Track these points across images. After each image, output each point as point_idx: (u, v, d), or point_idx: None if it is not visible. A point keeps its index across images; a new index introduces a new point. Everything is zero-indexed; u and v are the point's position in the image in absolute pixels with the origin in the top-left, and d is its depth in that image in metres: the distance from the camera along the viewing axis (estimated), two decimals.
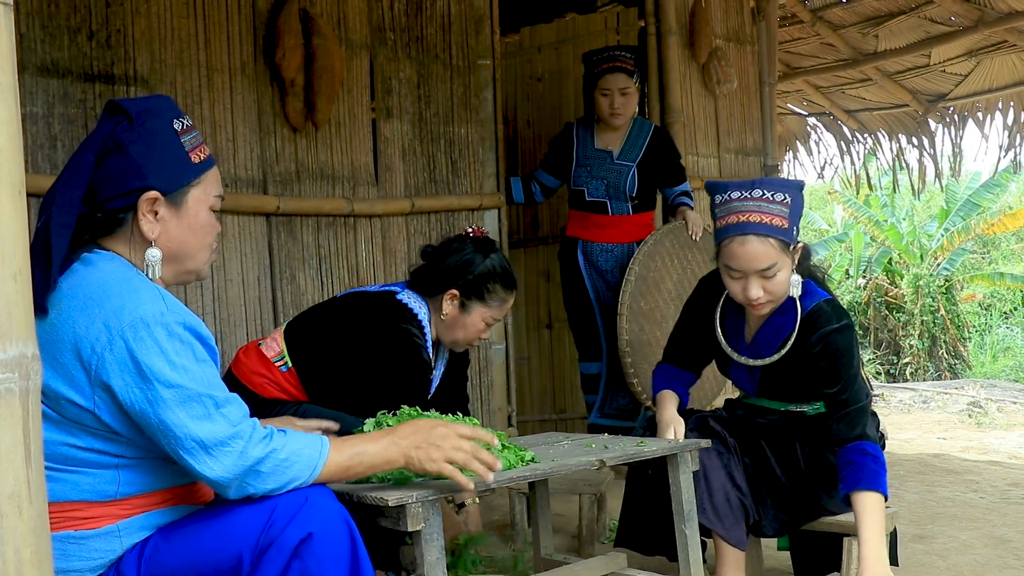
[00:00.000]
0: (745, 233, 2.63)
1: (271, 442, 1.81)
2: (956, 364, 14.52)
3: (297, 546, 1.75)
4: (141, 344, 1.71)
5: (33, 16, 3.38)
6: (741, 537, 2.77)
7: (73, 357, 1.72)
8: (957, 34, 7.08)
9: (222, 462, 1.75)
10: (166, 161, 1.89)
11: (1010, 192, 18.08)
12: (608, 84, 4.66)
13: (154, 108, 1.93)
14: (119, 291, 1.76)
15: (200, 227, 1.95)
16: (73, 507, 1.79)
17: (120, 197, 1.86)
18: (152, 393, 1.72)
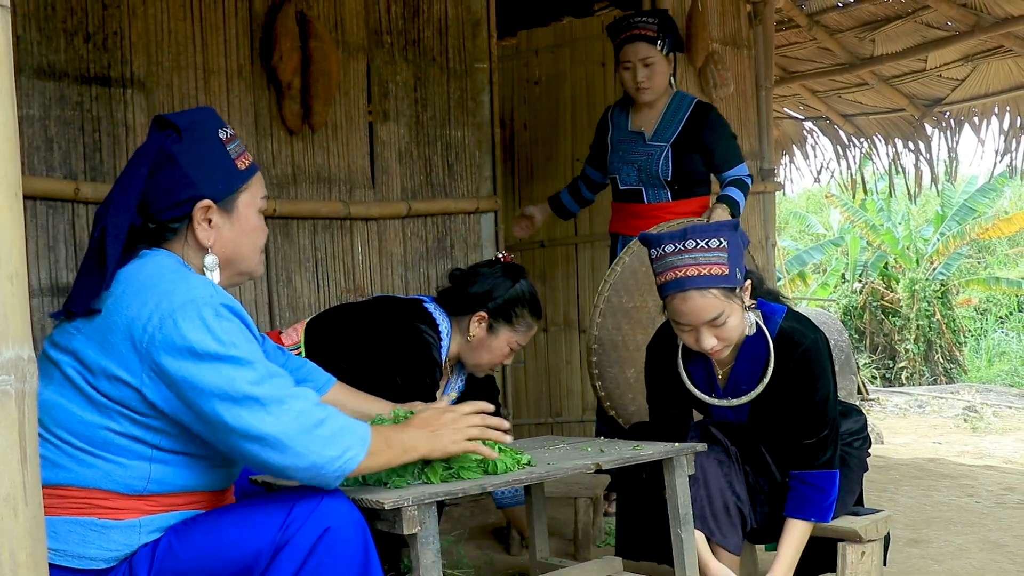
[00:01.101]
0: (685, 289, 2.60)
1: (327, 409, 1.87)
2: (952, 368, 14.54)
3: (314, 544, 1.81)
4: (191, 322, 1.78)
5: (30, 18, 3.38)
6: (737, 543, 2.78)
7: (125, 338, 1.78)
8: (953, 39, 7.09)
9: (281, 419, 1.80)
10: (215, 170, 1.99)
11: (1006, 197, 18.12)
12: (628, 56, 4.14)
13: (200, 120, 2.01)
14: (171, 278, 1.85)
15: (251, 230, 2.06)
16: (101, 495, 1.83)
17: (174, 207, 1.95)
18: (205, 366, 1.77)
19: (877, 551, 2.84)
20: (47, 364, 1.85)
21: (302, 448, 1.81)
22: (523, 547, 3.71)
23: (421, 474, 2.14)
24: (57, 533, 1.80)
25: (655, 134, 4.22)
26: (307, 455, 1.81)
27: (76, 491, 1.83)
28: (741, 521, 2.79)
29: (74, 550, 1.81)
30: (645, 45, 4.10)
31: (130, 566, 1.85)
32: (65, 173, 3.48)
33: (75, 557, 1.81)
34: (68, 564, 1.81)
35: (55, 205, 3.44)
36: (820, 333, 2.76)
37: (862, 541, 2.79)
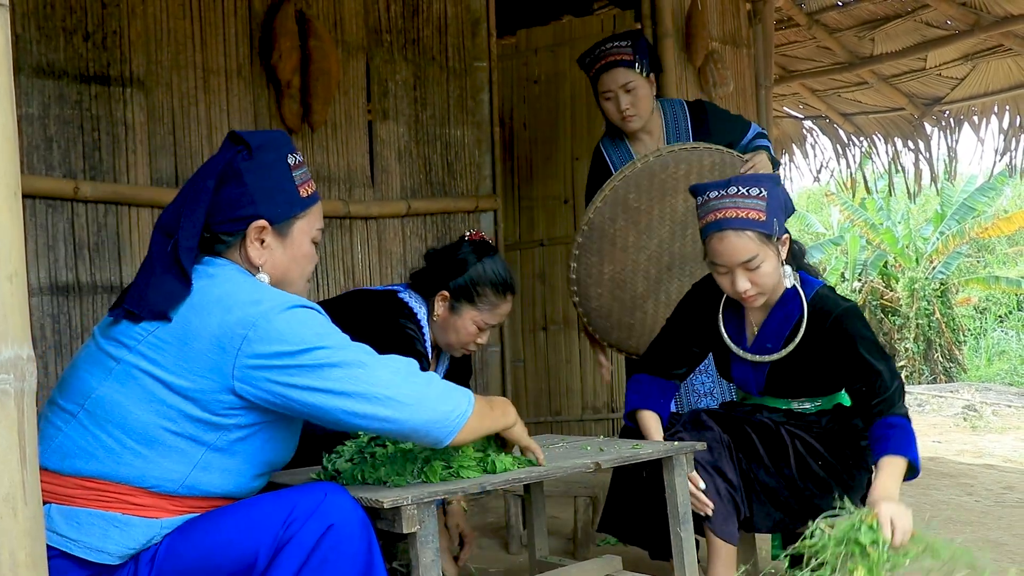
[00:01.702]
0: (722, 229, 2.72)
1: (432, 373, 1.99)
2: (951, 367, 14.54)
3: (318, 540, 1.82)
4: (286, 323, 1.85)
5: (29, 17, 3.38)
6: (733, 532, 2.78)
7: (213, 345, 1.84)
8: (953, 38, 7.09)
9: (396, 377, 1.89)
10: (278, 192, 2.04)
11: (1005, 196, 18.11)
12: (607, 85, 3.84)
13: (272, 142, 2.06)
14: (250, 287, 1.93)
15: (302, 257, 2.11)
16: (131, 491, 1.85)
17: (231, 222, 2.00)
18: (309, 354, 1.84)
19: None
20: (103, 358, 1.89)
21: (421, 404, 1.90)
22: (523, 546, 3.71)
23: (421, 473, 2.15)
24: (80, 523, 1.82)
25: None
26: (426, 410, 1.90)
27: (107, 485, 1.84)
28: (735, 509, 2.79)
29: (93, 543, 1.82)
30: (623, 70, 3.79)
31: (136, 563, 1.86)
32: (64, 172, 3.48)
33: (93, 550, 1.82)
34: (84, 555, 1.82)
35: (54, 204, 3.44)
36: (854, 303, 2.83)
37: None
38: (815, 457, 2.83)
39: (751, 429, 2.88)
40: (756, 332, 2.90)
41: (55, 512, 1.82)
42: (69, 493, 1.84)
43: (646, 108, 3.84)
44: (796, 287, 2.82)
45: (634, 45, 3.81)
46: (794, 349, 2.81)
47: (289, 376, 1.85)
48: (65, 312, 3.45)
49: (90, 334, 2.08)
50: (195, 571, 1.85)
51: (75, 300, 3.48)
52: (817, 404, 2.93)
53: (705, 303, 3.01)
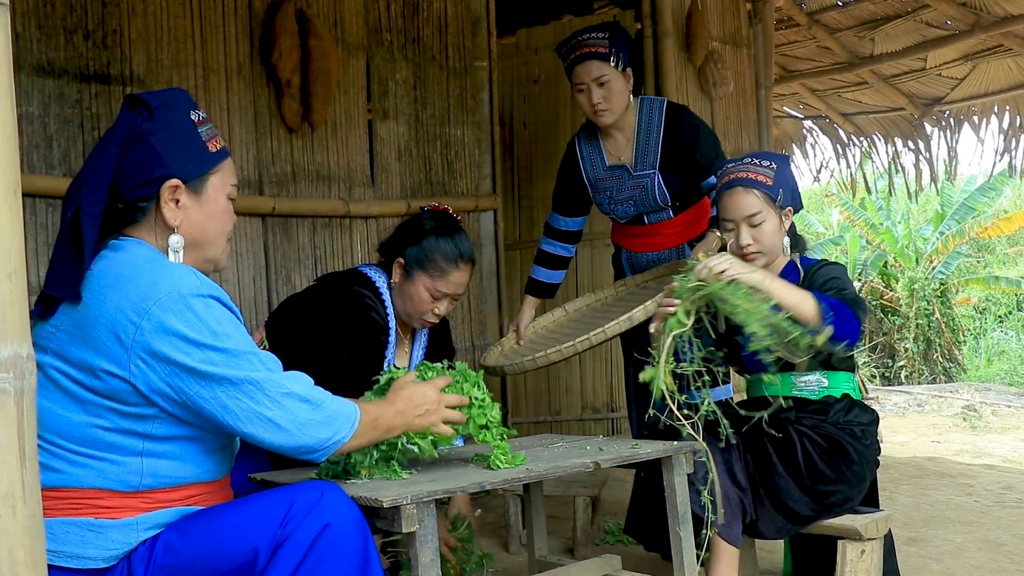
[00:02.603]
0: (733, 186, 3.05)
1: (322, 393, 1.95)
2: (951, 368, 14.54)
3: (314, 539, 1.82)
4: (180, 313, 1.79)
5: (29, 16, 3.37)
6: (737, 535, 2.78)
7: (108, 332, 1.78)
8: (953, 38, 7.09)
9: (280, 404, 1.87)
10: (186, 150, 1.97)
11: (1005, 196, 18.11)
12: (580, 77, 3.68)
13: (172, 100, 2.00)
14: (151, 268, 1.84)
15: (219, 213, 2.04)
16: (96, 495, 1.83)
17: (143, 186, 1.93)
18: (199, 354, 1.80)
19: (876, 550, 2.84)
20: None
21: (298, 431, 1.88)
22: (522, 546, 3.71)
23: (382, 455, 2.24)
24: (55, 534, 1.80)
25: (637, 162, 3.78)
26: (301, 437, 1.89)
27: (71, 492, 1.83)
28: (742, 512, 2.79)
29: (73, 551, 1.82)
30: (597, 63, 3.64)
31: (129, 564, 1.85)
32: (64, 171, 3.47)
33: (74, 557, 1.82)
34: (67, 564, 1.81)
35: (54, 203, 3.44)
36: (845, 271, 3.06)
37: (862, 539, 2.79)
38: (823, 456, 2.83)
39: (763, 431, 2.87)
40: None
41: None
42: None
43: (619, 104, 3.70)
44: (795, 261, 3.08)
45: (611, 37, 3.66)
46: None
47: (183, 377, 1.81)
48: None
49: None
50: (193, 569, 1.85)
51: None
52: (823, 386, 2.95)
53: None
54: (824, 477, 2.81)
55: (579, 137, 3.93)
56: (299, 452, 1.92)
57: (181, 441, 1.90)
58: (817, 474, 2.82)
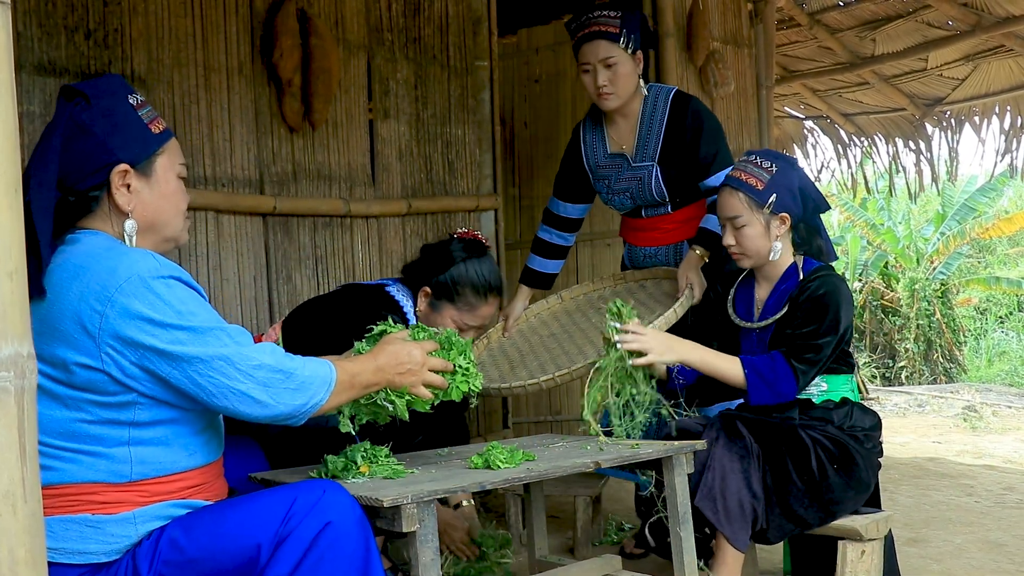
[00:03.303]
0: (725, 184, 3.06)
1: (294, 360, 1.96)
2: (951, 368, 14.53)
3: (315, 537, 1.83)
4: (142, 297, 1.80)
5: (30, 15, 3.37)
6: (745, 540, 2.78)
7: (74, 324, 1.79)
8: (954, 38, 7.09)
9: (252, 376, 1.88)
10: (129, 135, 1.97)
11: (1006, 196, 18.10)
12: (586, 57, 3.48)
13: (108, 87, 2.00)
14: (108, 255, 1.85)
15: (171, 193, 2.05)
16: (91, 489, 1.84)
17: (91, 175, 1.93)
18: (166, 335, 1.81)
19: (877, 550, 2.84)
20: None
21: (273, 401, 1.91)
22: (522, 545, 3.71)
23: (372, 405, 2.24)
24: (54, 532, 1.81)
25: (637, 152, 3.61)
26: (277, 406, 1.92)
27: (66, 488, 1.83)
28: (753, 519, 2.79)
29: (73, 547, 1.83)
30: (605, 43, 3.44)
31: (133, 558, 1.86)
32: None
33: (75, 553, 1.83)
34: (69, 561, 1.82)
35: None
36: (844, 287, 2.97)
37: (863, 539, 2.79)
38: (832, 461, 2.83)
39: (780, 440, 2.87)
40: (762, 307, 3.08)
41: None
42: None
43: (625, 88, 3.50)
44: (797, 264, 3.04)
45: (624, 17, 3.46)
46: (784, 314, 2.97)
47: (151, 363, 1.82)
48: None
49: None
50: (197, 564, 1.86)
51: None
52: (823, 391, 2.95)
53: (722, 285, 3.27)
54: (834, 487, 2.81)
55: (585, 122, 3.79)
56: (276, 420, 1.95)
57: (166, 425, 1.91)
58: (829, 485, 2.81)
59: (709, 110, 3.62)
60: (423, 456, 2.68)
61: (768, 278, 3.08)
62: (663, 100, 3.57)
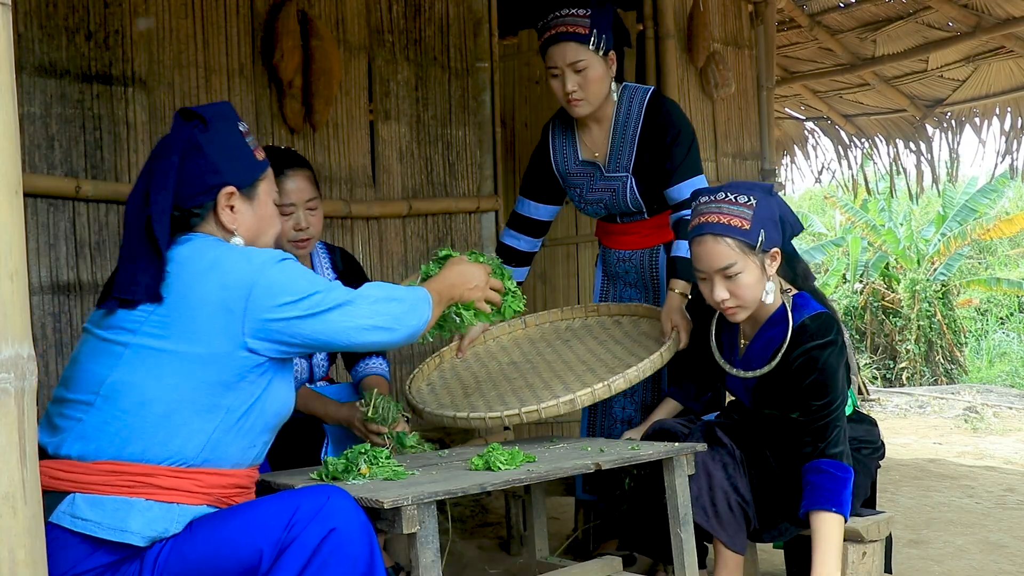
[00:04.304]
0: (703, 233, 2.70)
1: (397, 288, 2.28)
2: (952, 369, 14.52)
3: (319, 544, 1.85)
4: (278, 277, 2.02)
5: (31, 16, 3.38)
6: (743, 543, 2.78)
7: (217, 307, 1.96)
8: (955, 39, 7.09)
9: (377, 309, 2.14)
10: (238, 159, 2.15)
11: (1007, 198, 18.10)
12: (553, 60, 3.22)
13: (223, 113, 2.18)
14: (235, 250, 2.07)
15: (270, 217, 2.24)
16: (152, 471, 1.93)
17: (201, 194, 2.10)
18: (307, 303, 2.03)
19: (878, 552, 2.84)
20: (108, 346, 1.97)
21: (399, 326, 2.18)
22: (523, 546, 3.71)
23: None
24: (104, 508, 1.88)
25: (611, 161, 3.38)
26: (404, 328, 2.19)
27: (130, 467, 1.91)
28: (745, 521, 2.80)
29: (117, 524, 1.88)
30: (574, 46, 3.17)
31: (141, 562, 1.88)
32: (66, 171, 3.48)
33: (117, 530, 1.88)
34: (108, 537, 1.87)
35: (56, 203, 3.44)
36: (840, 342, 2.76)
37: (863, 541, 2.79)
38: None
39: (764, 443, 2.87)
40: (746, 348, 2.90)
41: (80, 500, 1.88)
42: (94, 480, 1.90)
43: (596, 93, 3.25)
44: (786, 308, 2.77)
45: (594, 15, 3.19)
46: (773, 368, 2.79)
47: (296, 324, 2.01)
48: (66, 311, 3.45)
49: None
50: (199, 571, 1.88)
51: (76, 299, 3.48)
52: None
53: (702, 315, 3.03)
54: None
55: (553, 123, 3.51)
56: (406, 340, 2.23)
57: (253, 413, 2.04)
58: None
59: (684, 115, 3.41)
60: (423, 458, 2.68)
61: (753, 319, 2.83)
62: (638, 103, 3.34)
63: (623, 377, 2.80)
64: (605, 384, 2.77)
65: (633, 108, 3.33)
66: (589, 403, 2.78)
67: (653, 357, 2.90)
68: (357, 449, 2.39)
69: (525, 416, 2.73)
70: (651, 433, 2.99)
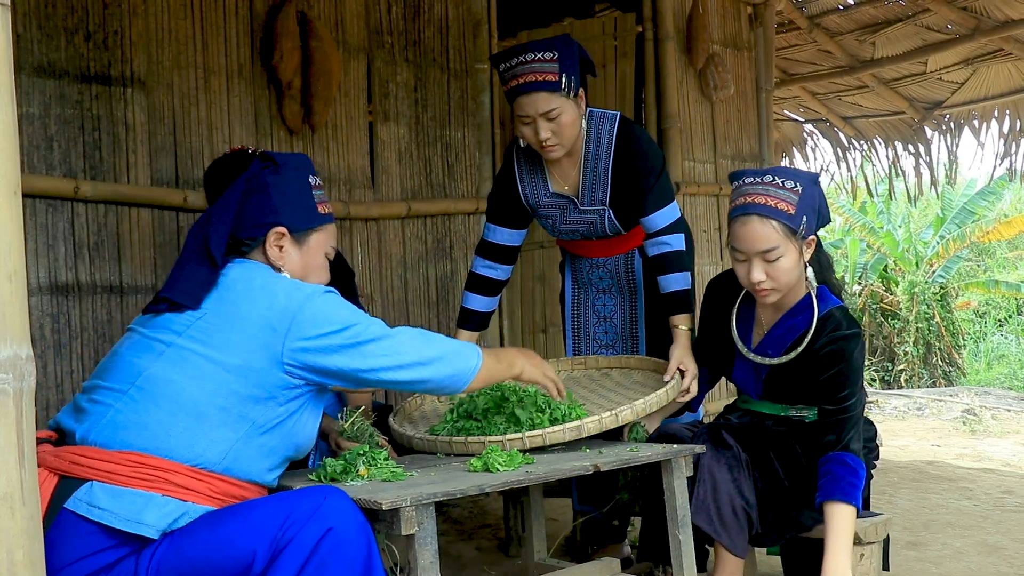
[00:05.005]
0: (748, 213, 2.69)
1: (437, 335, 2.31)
2: (951, 371, 14.52)
3: (316, 544, 1.85)
4: (321, 306, 2.12)
5: (30, 16, 3.37)
6: (743, 547, 2.78)
7: (263, 326, 2.07)
8: (953, 42, 7.10)
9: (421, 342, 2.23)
10: (298, 205, 2.31)
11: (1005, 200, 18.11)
12: (524, 109, 3.09)
13: (296, 162, 2.38)
14: (285, 280, 2.20)
15: (316, 267, 2.34)
16: (173, 467, 1.97)
17: (255, 228, 2.26)
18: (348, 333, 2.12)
19: (876, 553, 2.84)
20: (152, 343, 2.08)
21: (439, 361, 2.22)
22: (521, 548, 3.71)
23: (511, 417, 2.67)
24: (122, 499, 1.90)
25: (584, 195, 3.26)
26: (444, 367, 2.23)
27: (152, 460, 1.95)
28: (748, 524, 2.79)
29: (132, 515, 1.89)
30: (545, 95, 3.03)
31: (136, 559, 1.89)
32: (65, 171, 3.48)
33: (132, 521, 1.89)
34: (123, 527, 1.88)
35: (54, 204, 3.44)
36: (862, 336, 2.80)
37: (861, 543, 2.79)
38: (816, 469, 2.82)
39: (768, 445, 2.86)
40: (763, 334, 2.90)
41: (98, 488, 1.91)
42: (114, 470, 1.92)
43: (570, 136, 3.11)
44: (812, 297, 2.77)
45: (561, 59, 3.03)
46: (793, 359, 2.80)
47: (334, 354, 2.10)
48: (64, 312, 3.45)
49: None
50: (193, 571, 1.87)
51: (75, 300, 3.48)
52: (815, 413, 2.92)
53: (722, 297, 3.02)
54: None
55: (517, 150, 3.33)
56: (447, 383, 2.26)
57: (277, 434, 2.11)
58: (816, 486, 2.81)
59: (652, 140, 3.31)
60: (422, 459, 2.68)
61: (776, 306, 2.83)
62: (607, 134, 3.20)
63: (631, 409, 2.71)
64: (612, 413, 2.66)
65: (603, 139, 3.21)
66: (596, 431, 2.66)
67: (660, 392, 2.83)
68: (356, 451, 2.39)
69: (528, 441, 2.58)
70: (655, 436, 2.98)
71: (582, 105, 3.14)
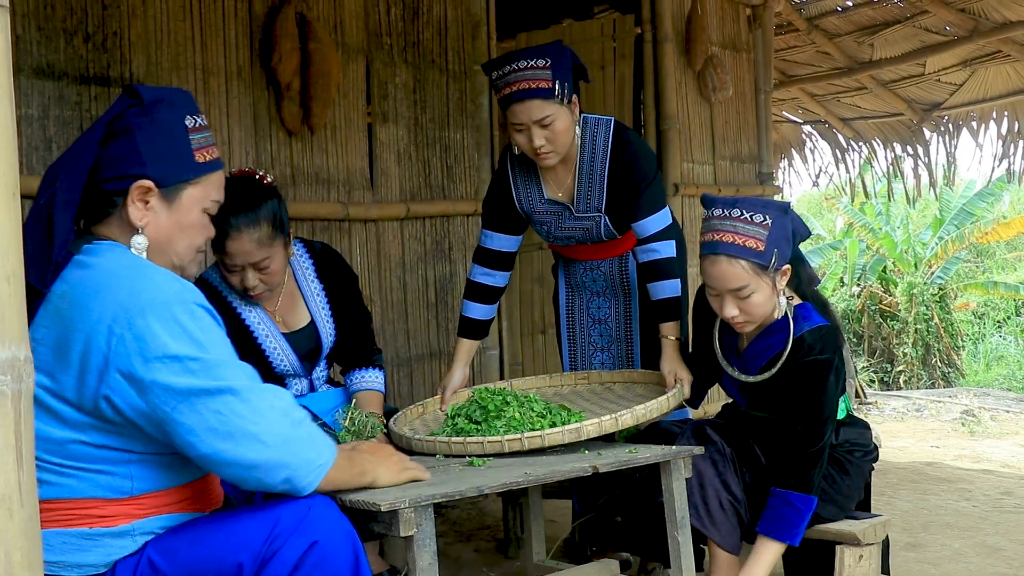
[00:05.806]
0: (716, 253, 2.66)
1: (301, 410, 1.85)
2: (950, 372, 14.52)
3: (301, 556, 1.76)
4: (163, 324, 1.70)
5: (29, 18, 3.37)
6: (736, 543, 2.78)
7: (88, 345, 1.69)
8: (952, 44, 7.11)
9: (265, 416, 1.76)
10: (169, 154, 1.89)
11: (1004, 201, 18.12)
12: (517, 117, 3.04)
13: (169, 99, 1.93)
14: (131, 275, 1.76)
15: (190, 226, 1.94)
16: (90, 504, 1.78)
17: (116, 180, 1.86)
18: (178, 366, 1.70)
19: (875, 555, 2.84)
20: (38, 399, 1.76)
21: (282, 447, 1.77)
22: (519, 550, 3.71)
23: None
24: (52, 546, 1.74)
25: (579, 202, 3.25)
26: (285, 454, 1.78)
27: (63, 503, 1.77)
28: (738, 520, 2.79)
29: (72, 559, 1.77)
30: (538, 103, 3.00)
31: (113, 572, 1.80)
32: None
33: (75, 566, 1.78)
34: (67, 574, 1.77)
35: None
36: (837, 359, 2.74)
37: (860, 544, 2.79)
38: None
39: (754, 440, 2.87)
40: (744, 349, 2.89)
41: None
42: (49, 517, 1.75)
43: (564, 142, 3.10)
44: (788, 318, 2.74)
45: (554, 66, 3.01)
46: (768, 379, 2.79)
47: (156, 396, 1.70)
48: None
49: None
50: None
51: None
52: None
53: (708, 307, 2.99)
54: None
55: (511, 157, 3.29)
56: (281, 473, 1.78)
57: (166, 456, 1.83)
58: None
59: (647, 146, 3.31)
60: (421, 461, 2.67)
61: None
62: (602, 140, 3.19)
63: (631, 413, 2.71)
64: (612, 417, 2.67)
65: (598, 146, 3.20)
66: (596, 435, 2.66)
67: (660, 400, 2.82)
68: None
69: (527, 443, 2.59)
70: (645, 432, 2.99)
71: (576, 111, 3.13)
